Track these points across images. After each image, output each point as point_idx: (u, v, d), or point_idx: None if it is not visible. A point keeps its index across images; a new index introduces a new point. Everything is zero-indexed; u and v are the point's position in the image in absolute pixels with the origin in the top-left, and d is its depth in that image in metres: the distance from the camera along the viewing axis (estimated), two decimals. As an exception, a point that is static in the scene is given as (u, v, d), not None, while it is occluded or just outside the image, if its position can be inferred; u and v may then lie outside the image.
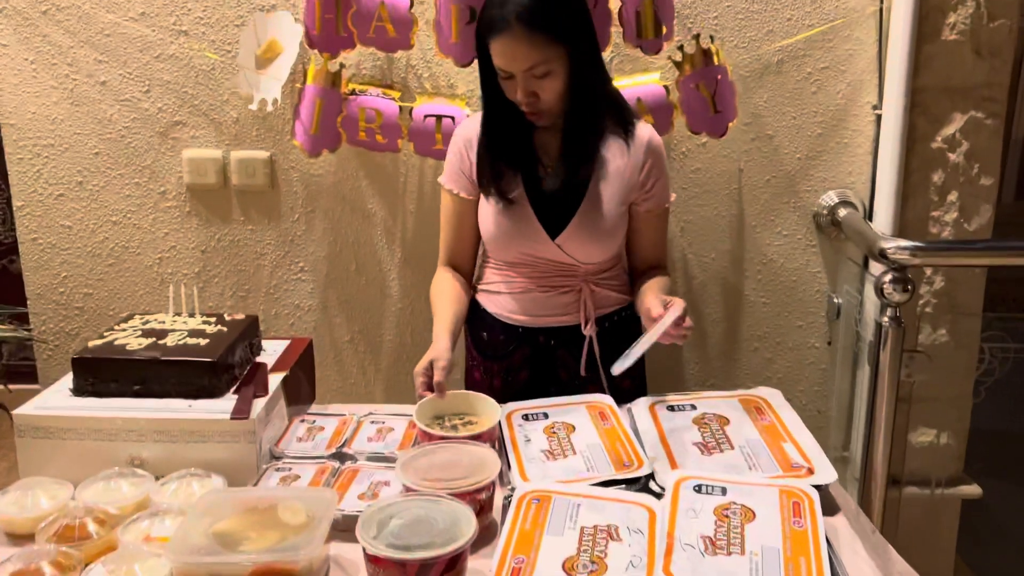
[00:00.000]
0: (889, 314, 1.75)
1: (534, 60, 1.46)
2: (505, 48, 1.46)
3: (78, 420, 1.36)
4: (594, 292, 1.68)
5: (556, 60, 1.47)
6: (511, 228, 1.62)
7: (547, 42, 1.45)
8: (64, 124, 2.09)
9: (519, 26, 1.43)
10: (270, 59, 1.96)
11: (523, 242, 1.63)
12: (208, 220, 2.16)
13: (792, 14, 1.99)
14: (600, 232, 1.61)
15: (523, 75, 1.48)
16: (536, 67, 1.47)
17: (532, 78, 1.48)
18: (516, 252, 1.66)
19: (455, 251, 1.75)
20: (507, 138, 1.61)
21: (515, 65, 1.47)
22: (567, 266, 1.66)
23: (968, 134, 1.99)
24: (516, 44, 1.45)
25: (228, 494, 1.25)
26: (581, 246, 1.62)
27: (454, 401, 1.51)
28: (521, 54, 1.46)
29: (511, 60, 1.47)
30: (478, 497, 1.24)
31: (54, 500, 1.28)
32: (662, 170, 1.65)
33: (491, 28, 1.47)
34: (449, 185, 1.70)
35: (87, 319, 2.22)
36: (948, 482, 2.15)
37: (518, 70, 1.48)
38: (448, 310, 1.64)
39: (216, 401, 1.41)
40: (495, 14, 1.46)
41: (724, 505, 1.23)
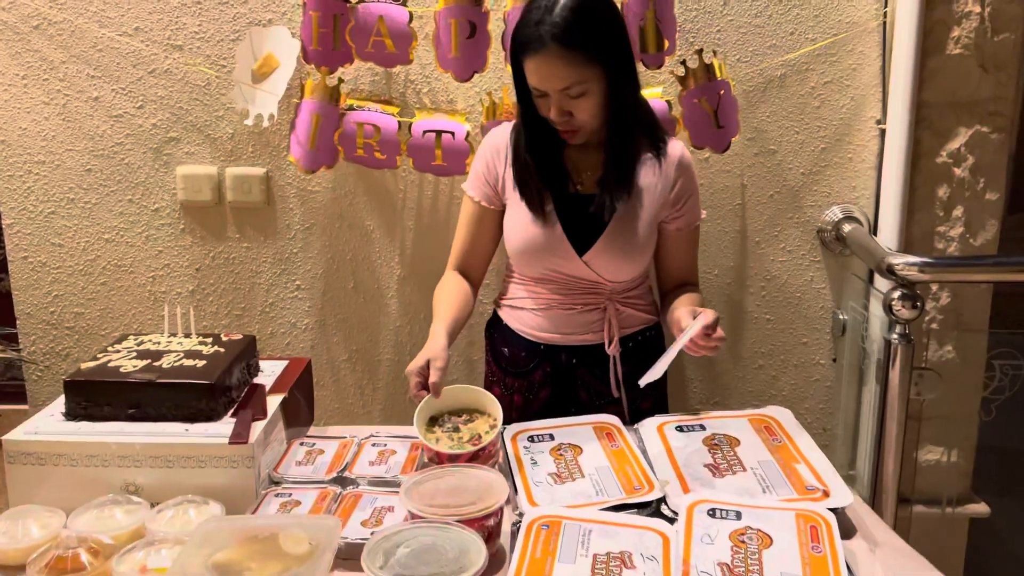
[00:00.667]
0: (898, 331, 1.73)
1: (569, 80, 1.44)
2: (540, 67, 1.44)
3: (70, 445, 1.32)
4: (619, 311, 1.65)
5: (592, 80, 1.45)
6: (539, 243, 1.60)
7: (583, 61, 1.43)
8: (55, 140, 2.05)
9: (554, 45, 1.41)
10: (266, 74, 1.93)
11: (550, 258, 1.61)
12: (202, 238, 2.12)
13: (795, 28, 1.98)
14: (629, 250, 1.58)
15: (557, 94, 1.46)
16: (571, 87, 1.44)
17: (566, 97, 1.46)
18: (542, 268, 1.63)
19: (467, 258, 1.71)
20: (539, 154, 1.58)
21: (550, 84, 1.45)
22: (593, 284, 1.63)
23: (973, 148, 1.97)
24: (551, 63, 1.43)
25: (227, 522, 1.21)
26: (609, 264, 1.59)
27: (452, 397, 1.47)
28: (556, 73, 1.43)
29: (546, 79, 1.45)
30: (486, 523, 1.20)
31: (45, 529, 1.24)
32: (693, 187, 1.62)
33: (526, 47, 1.44)
34: (471, 192, 1.67)
35: (78, 339, 2.17)
36: (955, 501, 2.12)
37: (552, 89, 1.45)
38: (450, 309, 1.59)
39: (213, 425, 1.37)
40: (530, 33, 1.43)
41: (740, 530, 1.20)
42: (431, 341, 1.49)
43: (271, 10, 1.99)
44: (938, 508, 2.12)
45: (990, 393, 1.81)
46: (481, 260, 1.72)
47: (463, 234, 1.70)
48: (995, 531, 2.29)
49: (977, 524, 2.16)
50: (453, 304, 1.61)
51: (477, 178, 1.67)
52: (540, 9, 1.42)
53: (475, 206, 1.67)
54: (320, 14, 1.86)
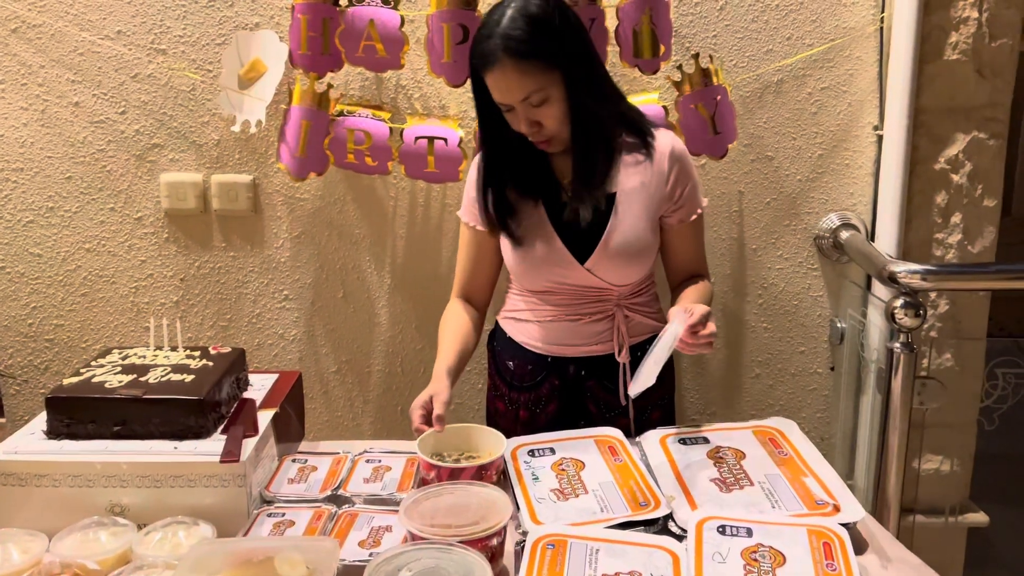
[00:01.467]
0: (901, 340, 1.70)
1: (527, 90, 1.43)
2: (498, 81, 1.44)
3: (53, 465, 1.27)
4: (628, 318, 1.62)
5: (551, 86, 1.44)
6: (538, 256, 1.56)
7: (538, 69, 1.42)
8: (34, 147, 1.99)
9: (507, 58, 1.40)
10: (253, 79, 1.89)
11: (551, 269, 1.57)
12: (187, 247, 2.06)
13: (792, 33, 1.96)
14: (630, 251, 1.55)
15: (521, 105, 1.45)
16: (531, 96, 1.43)
17: (530, 107, 1.45)
18: (545, 280, 1.59)
19: (470, 283, 1.69)
20: (523, 166, 1.56)
21: (510, 97, 1.44)
22: (599, 291, 1.59)
23: (971, 155, 1.96)
24: (507, 76, 1.42)
25: (220, 545, 1.16)
26: (613, 268, 1.56)
27: (455, 436, 1.43)
28: (514, 85, 1.43)
29: (505, 92, 1.44)
30: (490, 543, 1.16)
31: (27, 554, 1.19)
32: (689, 176, 1.59)
33: (482, 63, 1.44)
34: (466, 218, 1.66)
35: (58, 352, 2.10)
36: (954, 510, 2.10)
37: (514, 101, 1.45)
38: (453, 347, 1.58)
39: (203, 442, 1.32)
40: (483, 48, 1.43)
41: (751, 548, 1.16)
42: (434, 381, 1.48)
43: (258, 14, 1.94)
44: (937, 517, 2.10)
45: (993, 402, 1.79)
46: (485, 284, 1.70)
47: (464, 260, 1.68)
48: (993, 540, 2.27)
49: (975, 533, 2.15)
50: (456, 341, 1.59)
51: (470, 203, 1.64)
52: (491, 24, 1.43)
53: (471, 231, 1.65)
54: (309, 18, 1.82)
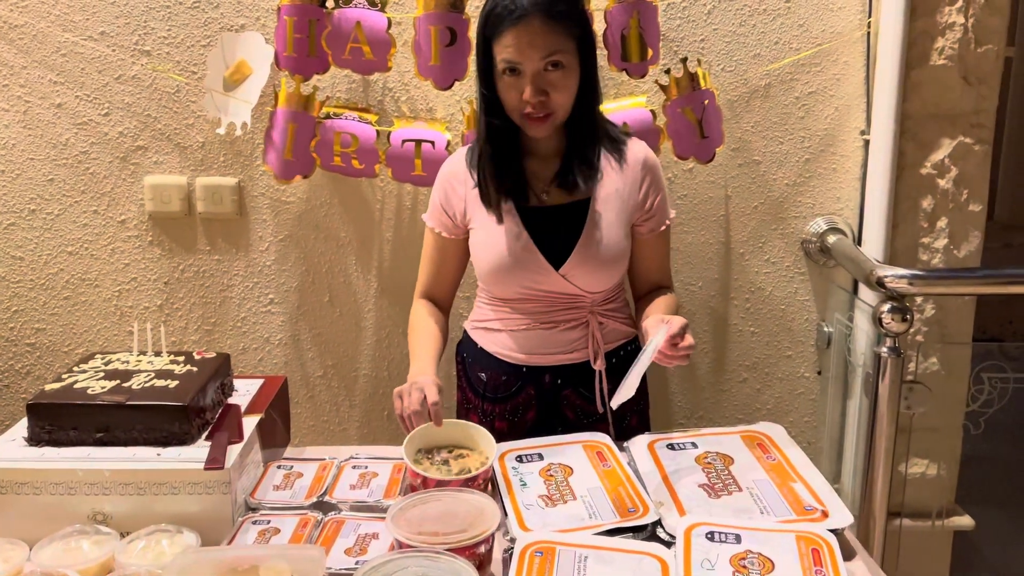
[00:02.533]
0: (888, 344, 1.70)
1: (550, 48, 1.42)
2: (520, 37, 1.41)
3: (34, 472, 1.25)
4: (602, 324, 1.61)
5: (569, 53, 1.44)
6: (511, 262, 1.54)
7: (563, 32, 1.43)
8: (16, 149, 1.97)
9: (537, 12, 1.40)
10: (238, 81, 1.87)
11: (525, 275, 1.55)
12: (171, 250, 2.04)
13: (779, 37, 1.96)
14: (605, 257, 1.54)
15: (535, 69, 1.43)
16: (553, 55, 1.42)
17: (543, 72, 1.44)
18: (517, 287, 1.57)
19: (434, 287, 1.70)
20: (500, 166, 1.54)
21: (529, 54, 1.42)
22: (572, 298, 1.58)
23: (957, 160, 1.96)
24: (532, 31, 1.41)
25: (204, 554, 1.14)
26: (588, 274, 1.54)
27: (443, 432, 1.41)
28: (539, 42, 1.41)
29: (526, 49, 1.42)
30: (477, 551, 1.15)
31: (7, 563, 1.17)
32: (660, 187, 1.59)
33: (503, 19, 1.42)
34: (431, 223, 1.65)
35: (39, 356, 2.08)
36: (940, 514, 2.11)
37: (534, 59, 1.42)
38: (430, 346, 1.58)
39: (187, 449, 1.30)
40: (509, 4, 1.42)
41: (740, 555, 1.16)
42: (418, 372, 1.49)
43: (244, 15, 1.92)
44: (923, 521, 2.10)
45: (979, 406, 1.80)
46: (448, 288, 1.70)
47: (427, 264, 1.68)
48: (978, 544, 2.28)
49: (961, 537, 2.15)
50: (429, 342, 1.59)
51: (435, 208, 1.63)
52: None
53: (436, 237, 1.64)
54: (295, 19, 1.81)
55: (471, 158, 1.59)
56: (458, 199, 1.59)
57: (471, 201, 1.58)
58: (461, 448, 1.41)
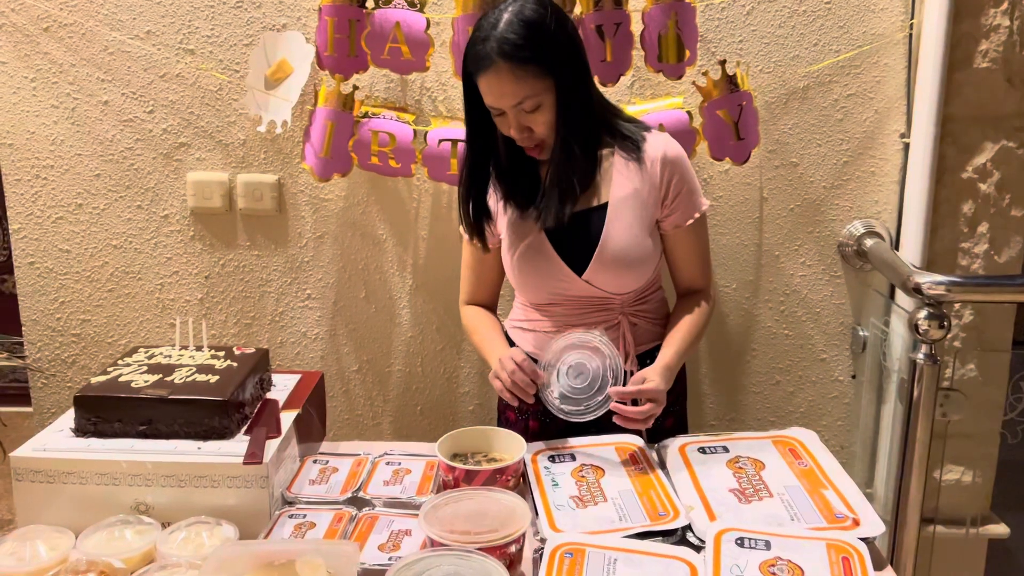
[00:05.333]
0: (924, 351, 1.69)
1: (521, 95, 1.42)
2: (491, 85, 1.42)
3: (80, 463, 1.29)
4: (635, 325, 1.61)
5: (544, 92, 1.43)
6: (535, 270, 1.56)
7: (532, 75, 1.41)
8: (64, 145, 2.02)
9: (503, 61, 1.39)
10: (280, 80, 1.90)
11: (550, 282, 1.57)
12: (212, 245, 2.08)
13: (819, 39, 1.94)
14: (626, 259, 1.53)
15: (513, 111, 1.44)
16: (524, 102, 1.42)
17: (522, 113, 1.44)
18: (546, 294, 1.59)
19: (477, 294, 1.73)
20: (516, 176, 1.56)
21: (503, 101, 1.43)
22: (601, 300, 1.58)
23: (999, 164, 1.93)
24: (501, 80, 1.41)
25: (242, 547, 1.17)
26: (611, 277, 1.55)
27: (476, 438, 1.44)
28: (508, 90, 1.41)
29: (498, 97, 1.43)
30: (508, 550, 1.17)
31: (54, 551, 1.21)
32: (684, 180, 1.55)
33: (476, 67, 1.43)
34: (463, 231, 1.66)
35: (84, 346, 2.13)
36: (975, 521, 2.08)
37: (507, 106, 1.43)
38: (497, 333, 1.65)
39: (227, 443, 1.34)
40: (479, 51, 1.42)
41: (770, 561, 1.16)
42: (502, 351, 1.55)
43: (285, 15, 1.95)
44: (957, 528, 2.08)
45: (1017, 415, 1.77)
46: (491, 293, 1.74)
47: (467, 273, 1.72)
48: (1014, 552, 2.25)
49: (996, 545, 2.13)
50: (495, 331, 1.65)
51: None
52: (486, 26, 1.41)
53: (473, 246, 1.65)
54: (336, 19, 1.83)
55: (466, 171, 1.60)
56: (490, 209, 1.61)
57: (497, 211, 1.60)
58: (492, 453, 1.43)
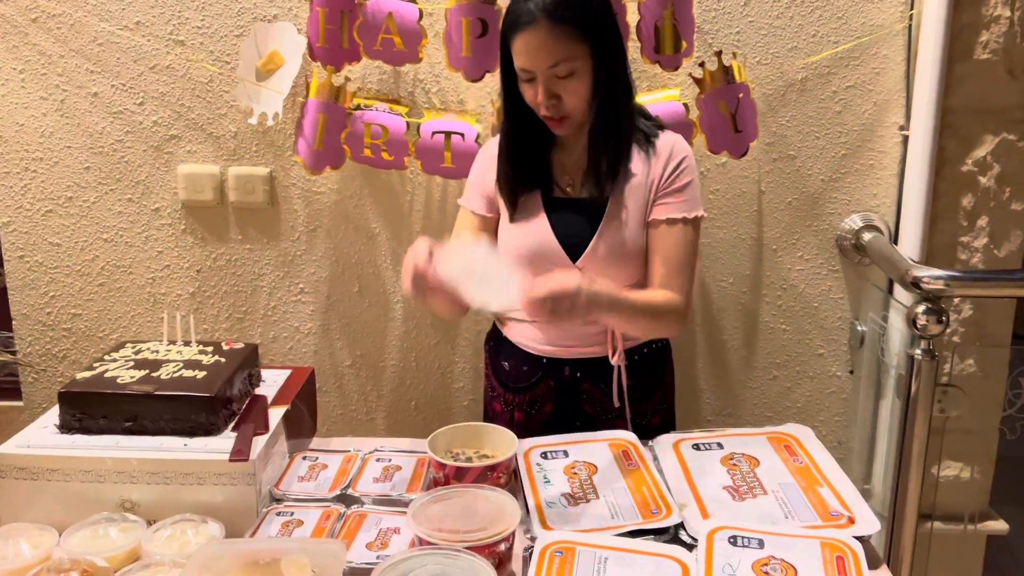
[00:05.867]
0: (922, 346, 1.67)
1: (557, 56, 1.39)
2: (528, 43, 1.40)
3: (64, 460, 1.27)
4: None
5: (580, 59, 1.41)
6: (530, 253, 1.53)
7: (571, 38, 1.39)
8: (53, 137, 1.99)
9: (544, 19, 1.37)
10: (271, 71, 1.88)
11: (543, 267, 1.54)
12: (204, 239, 2.06)
13: (817, 30, 1.92)
14: (622, 253, 1.51)
15: (546, 74, 1.41)
16: (559, 64, 1.40)
17: (555, 78, 1.42)
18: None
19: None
20: (525, 157, 1.53)
21: (538, 62, 1.40)
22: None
23: (999, 157, 1.91)
24: (540, 38, 1.39)
25: (227, 546, 1.15)
26: (604, 269, 1.52)
27: (468, 434, 1.42)
28: (545, 50, 1.39)
29: (534, 56, 1.40)
30: (497, 549, 1.15)
31: (37, 548, 1.19)
32: (686, 175, 1.52)
33: (515, 24, 1.41)
34: (471, 205, 1.62)
35: (75, 341, 2.11)
36: (974, 517, 2.07)
37: (541, 67, 1.41)
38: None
39: (213, 439, 1.31)
40: (519, 8, 1.40)
41: (763, 560, 1.14)
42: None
43: (277, 5, 1.93)
44: (955, 524, 2.06)
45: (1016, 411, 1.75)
46: None
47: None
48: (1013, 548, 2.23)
49: (994, 541, 2.11)
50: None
51: (474, 189, 1.62)
52: None
53: (475, 218, 1.61)
54: (327, 10, 1.81)
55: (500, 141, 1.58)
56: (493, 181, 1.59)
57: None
58: (484, 450, 1.41)
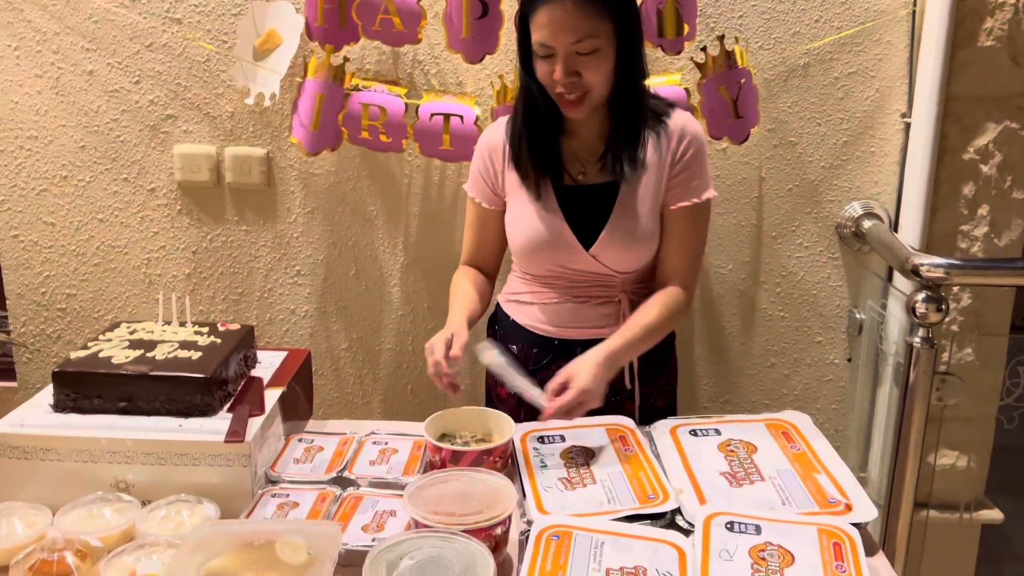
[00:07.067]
0: (921, 334, 1.66)
1: (582, 32, 1.37)
2: (552, 17, 1.36)
3: (58, 439, 1.26)
4: (635, 303, 1.58)
5: (603, 37, 1.39)
6: (543, 239, 1.53)
7: (597, 14, 1.37)
8: (48, 115, 1.98)
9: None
10: (268, 51, 1.86)
11: (555, 254, 1.54)
12: (200, 219, 2.05)
13: (820, 15, 1.90)
14: (636, 238, 1.51)
15: (567, 51, 1.39)
16: (583, 40, 1.37)
17: (575, 55, 1.39)
18: (549, 264, 1.56)
19: (477, 256, 1.68)
20: (536, 142, 1.52)
21: (560, 37, 1.37)
22: (603, 276, 1.56)
23: (1001, 145, 1.90)
24: (564, 11, 1.36)
25: (222, 527, 1.15)
26: (617, 255, 1.52)
27: (466, 418, 1.42)
28: (569, 24, 1.36)
29: (557, 31, 1.37)
30: (493, 532, 1.14)
31: (31, 528, 1.19)
32: (696, 157, 1.51)
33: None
34: (472, 193, 1.63)
35: (70, 321, 2.10)
36: (969, 506, 2.07)
37: (563, 43, 1.38)
38: (466, 298, 1.56)
39: (209, 420, 1.31)
40: None
41: (760, 546, 1.14)
42: (450, 324, 1.47)
43: (275, -16, 1.90)
44: (951, 513, 2.07)
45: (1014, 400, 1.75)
46: (492, 257, 1.68)
47: (470, 234, 1.67)
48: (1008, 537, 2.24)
49: (989, 530, 2.12)
50: (469, 294, 1.57)
51: (475, 179, 1.62)
52: None
53: (476, 207, 1.63)
54: (326, -11, 1.79)
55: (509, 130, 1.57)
56: (496, 171, 1.58)
57: (508, 174, 1.57)
58: (481, 434, 1.40)
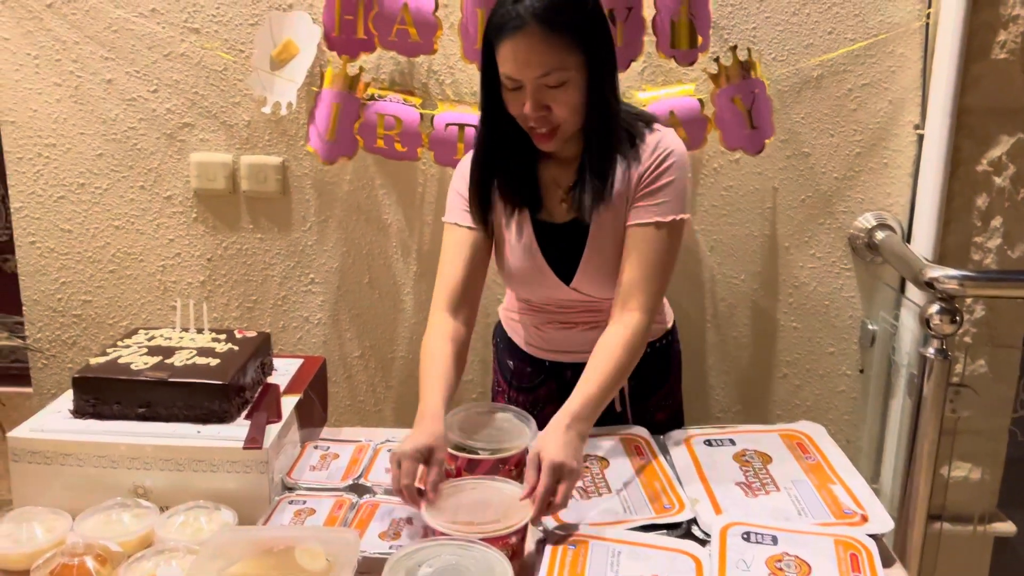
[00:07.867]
0: (935, 346, 1.66)
1: (549, 66, 1.28)
2: (518, 50, 1.27)
3: (78, 445, 1.28)
4: None
5: (572, 69, 1.30)
6: (525, 275, 1.49)
7: (564, 46, 1.28)
8: (67, 123, 1.99)
9: (535, 24, 1.25)
10: (285, 60, 1.88)
11: (539, 289, 1.51)
12: (215, 227, 2.06)
13: (833, 27, 1.91)
14: (611, 270, 1.44)
15: (535, 84, 1.29)
16: (550, 74, 1.28)
17: (544, 88, 1.30)
18: (532, 296, 1.55)
19: (455, 293, 1.46)
20: (511, 172, 1.44)
21: (527, 71, 1.28)
22: (590, 302, 1.51)
23: (1015, 157, 1.91)
24: (530, 45, 1.26)
25: (242, 533, 1.16)
26: (599, 284, 1.46)
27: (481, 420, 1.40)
28: (535, 58, 1.27)
29: (524, 64, 1.28)
30: (510, 541, 1.15)
31: (51, 533, 1.20)
32: (665, 174, 1.39)
33: (502, 28, 1.28)
34: (457, 219, 1.48)
35: (85, 327, 2.12)
36: (982, 519, 2.06)
37: (530, 77, 1.29)
38: (440, 383, 1.35)
39: (227, 427, 1.32)
40: (508, 12, 1.27)
41: (776, 556, 1.14)
42: (427, 423, 1.26)
43: (292, -6, 1.93)
44: (964, 526, 2.06)
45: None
46: (475, 293, 1.49)
47: (447, 267, 1.47)
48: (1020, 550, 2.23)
49: (1002, 543, 2.11)
50: (440, 379, 1.36)
51: (458, 199, 1.48)
52: None
53: (464, 232, 1.47)
54: (343, 0, 1.80)
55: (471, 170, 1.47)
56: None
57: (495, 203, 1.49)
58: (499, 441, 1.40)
